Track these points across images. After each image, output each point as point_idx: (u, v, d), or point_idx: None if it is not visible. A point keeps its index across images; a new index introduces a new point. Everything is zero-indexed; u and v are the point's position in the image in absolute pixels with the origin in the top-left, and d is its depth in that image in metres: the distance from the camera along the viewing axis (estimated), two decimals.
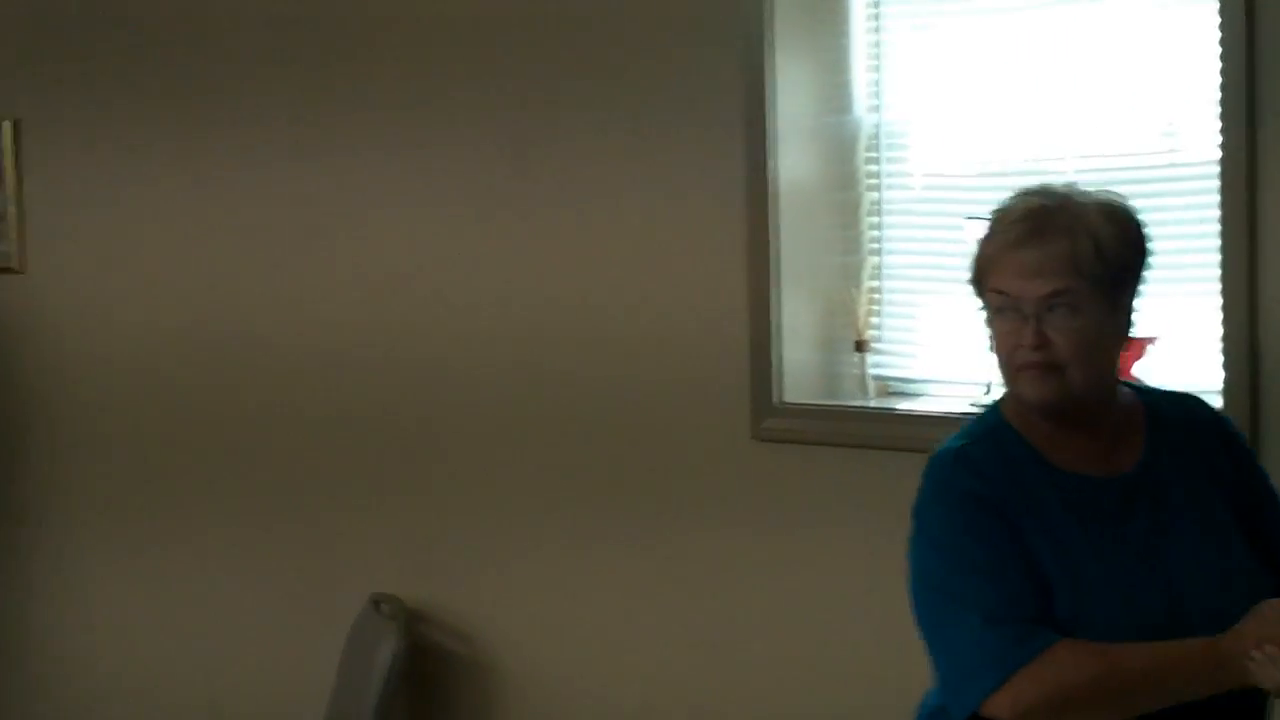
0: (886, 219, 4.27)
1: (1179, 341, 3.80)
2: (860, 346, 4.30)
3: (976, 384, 4.06)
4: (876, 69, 4.25)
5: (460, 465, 4.82)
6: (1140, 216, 2.74)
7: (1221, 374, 3.65)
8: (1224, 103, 3.59)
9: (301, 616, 5.22)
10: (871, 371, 4.31)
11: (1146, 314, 2.80)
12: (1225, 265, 3.62)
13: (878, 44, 4.24)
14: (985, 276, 2.72)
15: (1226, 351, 3.64)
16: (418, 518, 4.91)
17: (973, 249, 2.76)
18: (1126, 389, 2.85)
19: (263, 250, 5.25)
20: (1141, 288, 2.74)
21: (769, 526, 4.29)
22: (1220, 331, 3.65)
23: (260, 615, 5.35)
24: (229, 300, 5.36)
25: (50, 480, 5.94)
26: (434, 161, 4.80)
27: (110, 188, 5.71)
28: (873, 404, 4.27)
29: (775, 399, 4.24)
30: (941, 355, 4.22)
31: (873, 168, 4.28)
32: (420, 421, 4.90)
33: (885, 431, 4.12)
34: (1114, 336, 2.71)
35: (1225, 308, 3.63)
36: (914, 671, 2.88)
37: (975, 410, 3.94)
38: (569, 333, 4.58)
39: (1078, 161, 3.93)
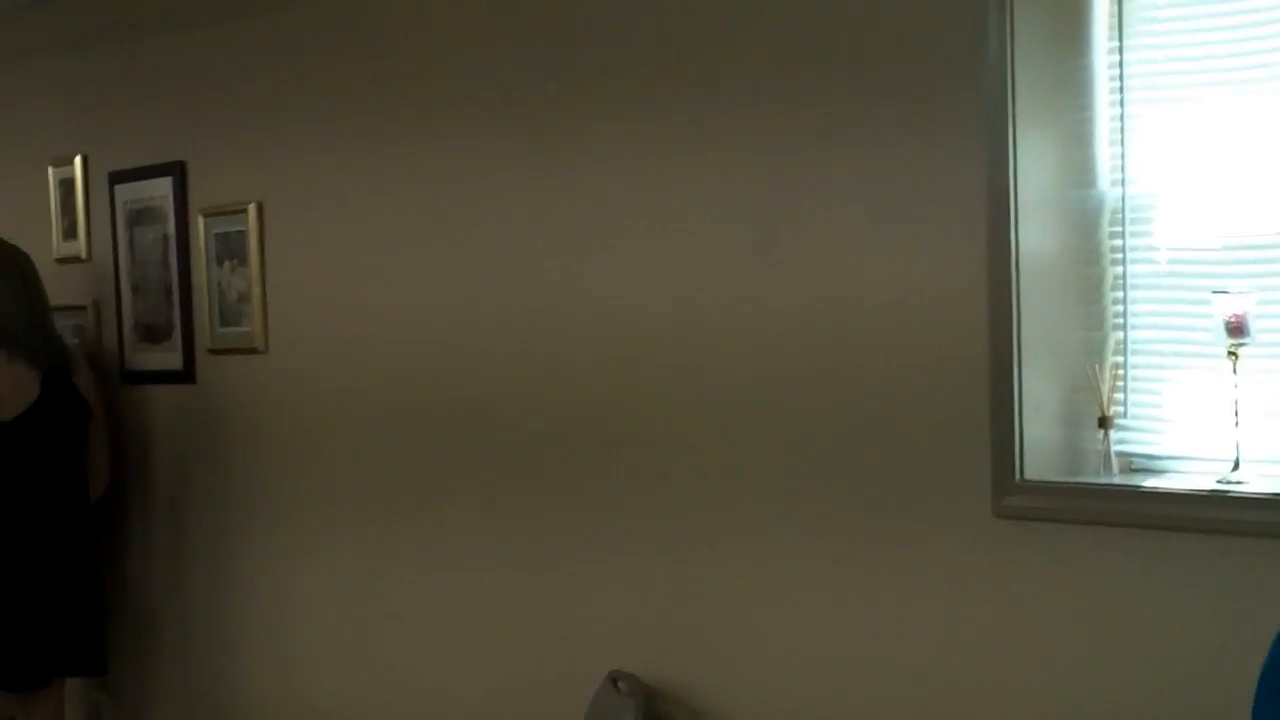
0: (1131, 293, 4.22)
1: None
2: (1104, 422, 4.24)
3: (1223, 460, 3.99)
4: (1120, 142, 4.22)
5: (700, 538, 4.82)
6: None
7: None
8: None
9: (537, 687, 5.25)
10: (1115, 448, 4.25)
11: None
12: None
13: (1121, 117, 4.21)
14: None
15: None
16: (657, 592, 4.92)
17: None
18: None
19: (500, 307, 5.36)
20: None
21: (1009, 603, 4.24)
22: None
23: (495, 679, 5.40)
24: (466, 363, 5.46)
25: (289, 531, 6.11)
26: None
27: (340, 261, 5.85)
28: (1117, 481, 4.21)
29: (1017, 475, 4.20)
30: (1187, 431, 4.15)
31: (1116, 242, 4.24)
32: (665, 492, 4.92)
33: (1129, 509, 4.06)
34: None
35: None
36: None
37: (1223, 487, 3.90)
38: (807, 402, 4.57)
39: None
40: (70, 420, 6.13)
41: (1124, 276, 4.23)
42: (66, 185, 7.10)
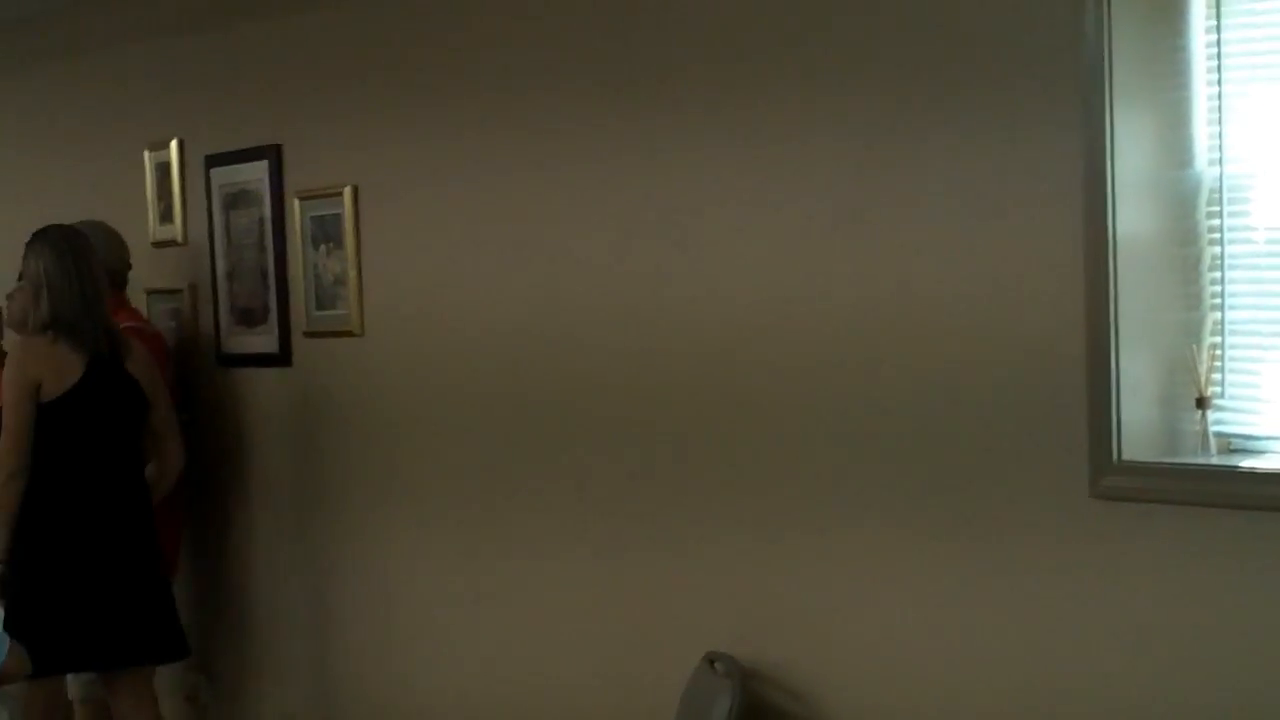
0: (1228, 273, 4.20)
1: None
2: (1201, 403, 4.22)
3: None
4: (1217, 121, 4.19)
5: (797, 520, 4.83)
6: None
7: None
8: None
9: (634, 669, 5.27)
10: (1213, 428, 4.23)
11: None
12: None
13: (1218, 96, 4.18)
14: None
15: None
16: (753, 573, 4.93)
17: None
18: None
19: (592, 291, 5.39)
20: None
21: (1106, 584, 4.22)
22: None
23: (591, 663, 5.43)
24: (559, 347, 5.50)
25: (385, 514, 6.18)
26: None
27: (435, 244, 5.89)
28: (1214, 461, 4.19)
29: (1115, 457, 4.19)
30: None
31: (1214, 222, 4.21)
32: (762, 474, 4.92)
33: (1227, 489, 4.05)
34: None
35: None
36: None
37: None
38: (904, 384, 4.57)
39: None
40: (119, 404, 6.13)
41: (1221, 256, 4.20)
42: (163, 169, 7.16)
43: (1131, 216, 4.16)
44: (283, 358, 6.59)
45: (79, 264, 6.09)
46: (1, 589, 5.93)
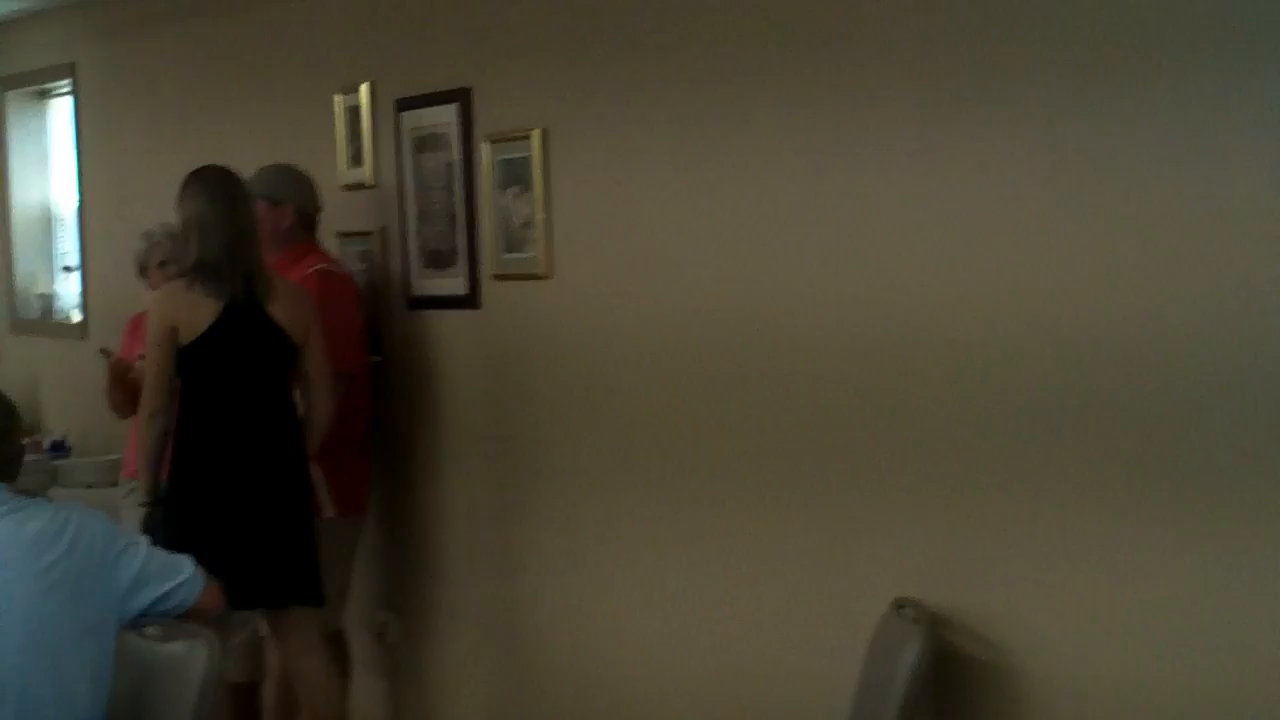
0: None
1: None
2: None
3: None
4: None
5: (994, 471, 4.75)
6: None
7: None
8: None
9: (822, 615, 5.25)
10: None
11: None
12: None
13: None
14: None
15: None
16: (941, 519, 4.88)
17: None
18: None
19: (777, 238, 5.33)
20: None
21: None
22: None
23: (780, 610, 5.42)
24: (744, 290, 5.47)
25: (573, 459, 6.22)
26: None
27: (624, 189, 5.88)
28: None
29: None
30: None
31: None
32: (945, 415, 4.86)
33: None
34: None
35: None
36: None
37: None
38: (1113, 359, 4.44)
39: None
40: (258, 348, 6.18)
41: None
42: (353, 113, 7.21)
43: None
44: (471, 300, 6.62)
45: (231, 206, 6.16)
46: (148, 527, 6.04)
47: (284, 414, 6.24)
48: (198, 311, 6.08)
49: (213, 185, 6.18)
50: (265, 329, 6.14)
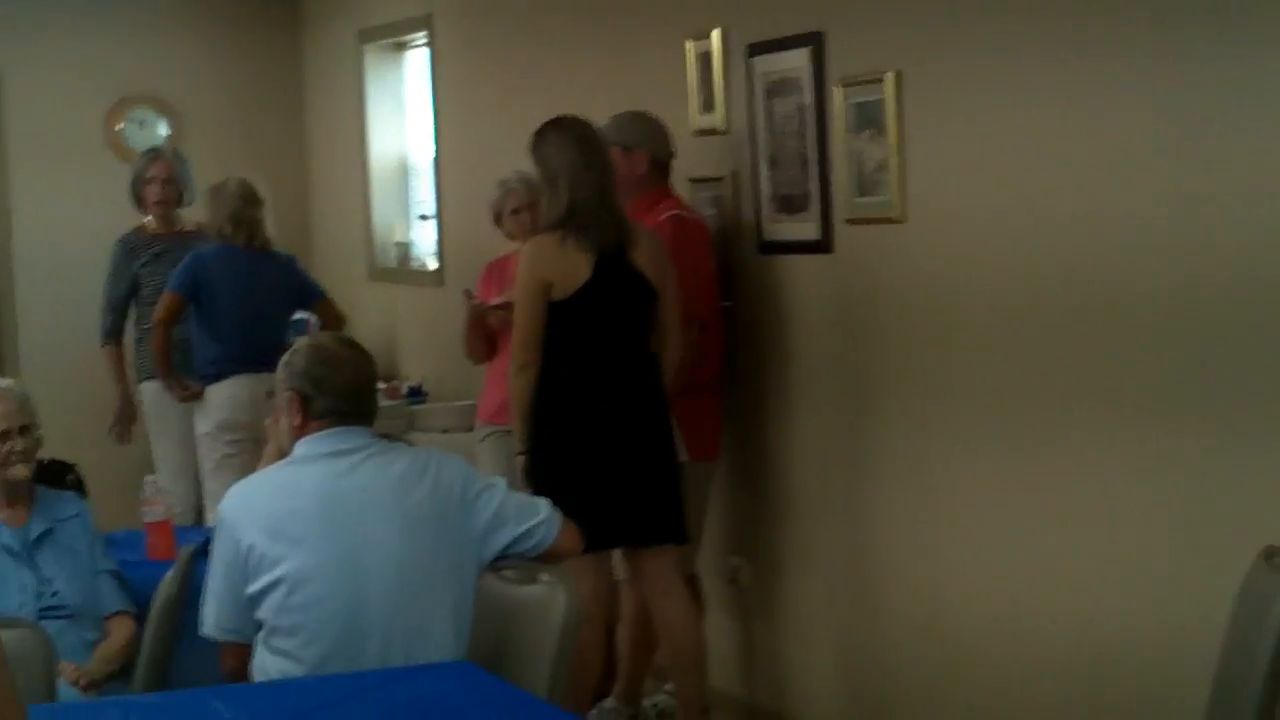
0: None
1: None
2: None
3: None
4: None
5: None
6: None
7: None
8: None
9: (1183, 564, 5.13)
10: None
11: None
12: None
13: None
14: None
15: None
16: None
17: None
18: None
19: (1144, 197, 5.21)
20: None
21: None
22: None
23: (1135, 559, 5.32)
24: (1096, 229, 5.38)
25: (927, 409, 6.16)
26: None
27: (980, 130, 5.79)
28: None
29: None
30: None
31: None
32: None
33: None
34: None
35: None
36: None
37: None
38: None
39: None
40: (628, 299, 6.21)
41: None
42: (704, 59, 7.21)
43: None
44: (824, 245, 6.59)
45: (595, 155, 6.20)
46: (526, 477, 6.12)
47: (646, 359, 6.30)
48: (574, 265, 6.13)
49: (576, 135, 6.23)
50: (632, 278, 6.19)
